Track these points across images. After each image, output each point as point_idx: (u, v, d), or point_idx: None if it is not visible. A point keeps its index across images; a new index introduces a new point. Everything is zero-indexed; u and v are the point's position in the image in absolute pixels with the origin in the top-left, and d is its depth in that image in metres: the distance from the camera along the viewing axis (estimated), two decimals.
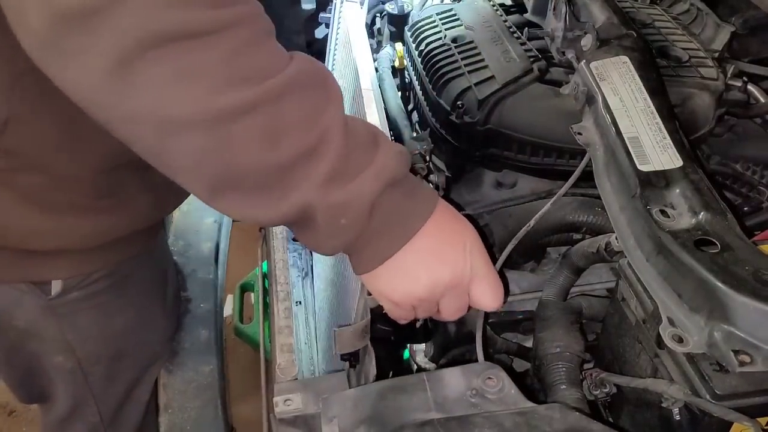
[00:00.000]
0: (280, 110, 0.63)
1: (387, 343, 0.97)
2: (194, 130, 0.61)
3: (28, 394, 1.19)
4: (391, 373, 0.98)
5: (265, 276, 1.58)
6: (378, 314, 0.89)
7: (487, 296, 0.82)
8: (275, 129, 0.63)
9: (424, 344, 1.14)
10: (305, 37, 1.83)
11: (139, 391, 1.21)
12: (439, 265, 0.78)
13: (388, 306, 0.82)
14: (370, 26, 1.59)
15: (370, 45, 1.36)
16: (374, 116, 1.07)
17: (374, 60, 1.39)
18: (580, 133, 1.02)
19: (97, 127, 0.62)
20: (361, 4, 1.49)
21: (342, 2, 1.42)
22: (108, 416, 1.18)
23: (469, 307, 0.85)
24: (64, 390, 1.13)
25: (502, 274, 0.87)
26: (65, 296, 0.98)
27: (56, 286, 0.97)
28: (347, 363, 0.97)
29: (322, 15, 1.76)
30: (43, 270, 0.96)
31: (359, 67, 1.18)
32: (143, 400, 1.22)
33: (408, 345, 1.12)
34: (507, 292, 0.86)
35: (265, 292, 1.57)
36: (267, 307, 1.56)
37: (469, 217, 0.88)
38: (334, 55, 1.53)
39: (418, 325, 1.01)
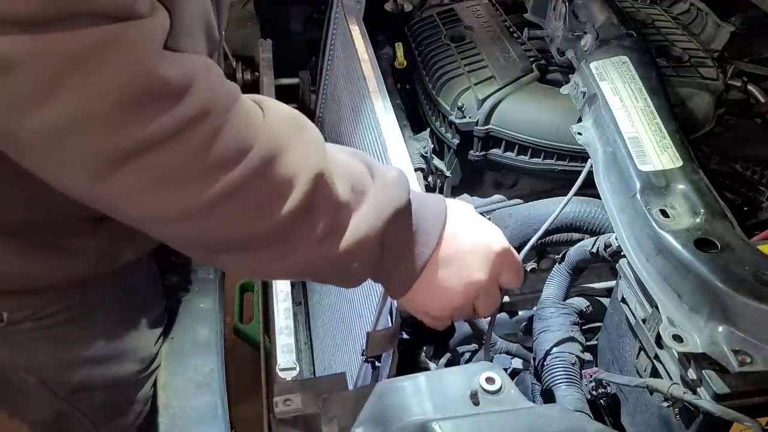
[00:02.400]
0: (264, 180, 0.63)
1: (408, 344, 0.97)
2: (186, 221, 0.62)
3: (8, 406, 1.18)
4: None
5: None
6: (401, 318, 0.90)
7: (514, 277, 0.83)
8: (263, 198, 0.64)
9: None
10: (305, 36, 1.83)
11: (125, 404, 1.18)
12: (468, 271, 0.78)
13: (427, 320, 0.82)
14: (369, 26, 1.58)
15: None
16: (385, 119, 1.07)
17: (375, 59, 1.39)
18: (580, 133, 1.02)
19: (52, 193, 0.62)
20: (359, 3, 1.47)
21: (339, 4, 1.41)
22: (98, 422, 1.16)
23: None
24: (37, 402, 1.11)
25: None
26: (17, 326, 0.96)
27: (6, 315, 0.96)
28: (365, 363, 0.97)
29: (315, 16, 1.74)
30: None
31: (365, 71, 1.18)
32: (135, 411, 1.20)
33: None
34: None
35: (265, 292, 1.57)
36: (267, 307, 1.56)
37: None
38: (330, 57, 1.53)
39: None
